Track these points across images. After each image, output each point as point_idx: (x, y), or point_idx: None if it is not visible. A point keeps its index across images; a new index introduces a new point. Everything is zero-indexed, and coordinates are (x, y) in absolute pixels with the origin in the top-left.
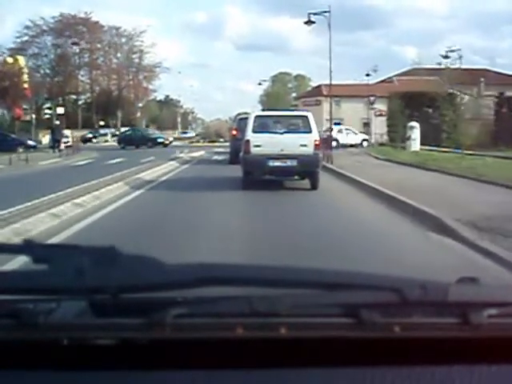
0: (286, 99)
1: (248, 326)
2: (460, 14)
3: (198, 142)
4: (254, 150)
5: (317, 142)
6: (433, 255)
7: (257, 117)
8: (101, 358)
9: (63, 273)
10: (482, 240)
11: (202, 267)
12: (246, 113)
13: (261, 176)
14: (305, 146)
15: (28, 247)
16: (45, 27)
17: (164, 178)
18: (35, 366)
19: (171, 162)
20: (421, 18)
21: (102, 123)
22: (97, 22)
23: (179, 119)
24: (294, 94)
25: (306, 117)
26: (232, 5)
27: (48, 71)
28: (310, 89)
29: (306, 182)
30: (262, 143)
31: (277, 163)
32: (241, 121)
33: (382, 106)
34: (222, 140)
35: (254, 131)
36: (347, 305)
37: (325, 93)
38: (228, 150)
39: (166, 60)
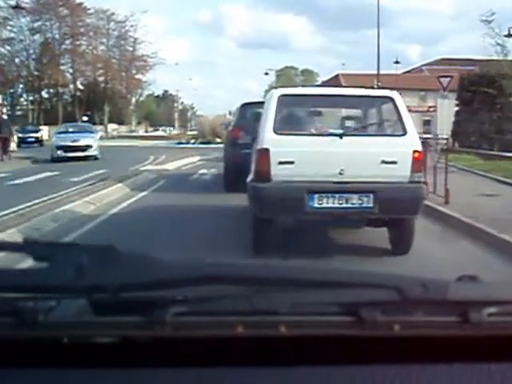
0: None
1: (248, 324)
2: (466, 12)
3: (187, 143)
4: (277, 173)
5: (416, 155)
6: None
7: (283, 98)
8: (101, 355)
9: (63, 271)
10: None
11: (203, 265)
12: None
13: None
14: (392, 163)
15: (28, 245)
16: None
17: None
18: (35, 365)
19: (118, 186)
20: (426, 18)
21: (85, 118)
22: (80, 4)
23: (176, 115)
24: None
25: (392, 100)
26: (235, 2)
27: (24, 59)
28: (318, 83)
29: (380, 236)
30: (295, 157)
31: (331, 203)
32: (246, 109)
33: (407, 100)
34: (218, 141)
35: (278, 131)
36: (347, 303)
37: (343, 83)
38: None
39: (166, 56)
